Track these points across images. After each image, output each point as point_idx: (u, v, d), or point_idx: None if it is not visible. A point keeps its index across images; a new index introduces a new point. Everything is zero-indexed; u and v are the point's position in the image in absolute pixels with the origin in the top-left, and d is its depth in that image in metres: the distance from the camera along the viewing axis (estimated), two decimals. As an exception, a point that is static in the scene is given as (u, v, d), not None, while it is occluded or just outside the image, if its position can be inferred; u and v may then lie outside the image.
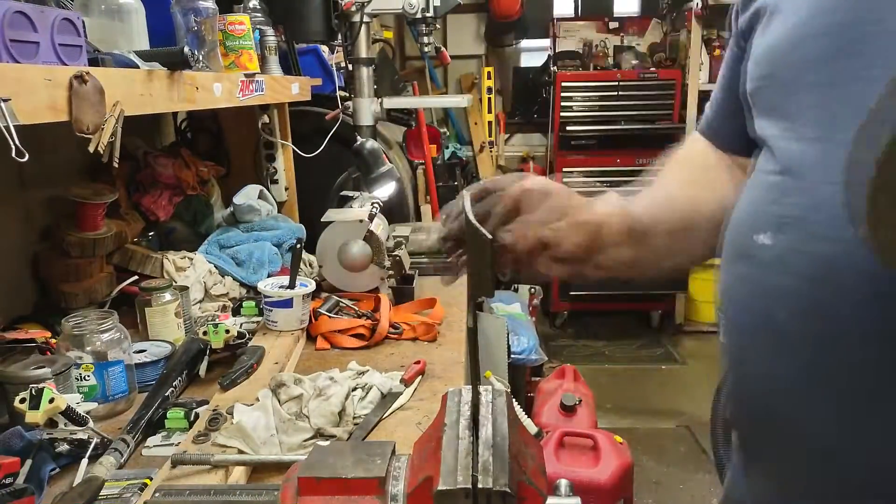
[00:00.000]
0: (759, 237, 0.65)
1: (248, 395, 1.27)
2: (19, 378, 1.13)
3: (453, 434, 0.62)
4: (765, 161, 0.71)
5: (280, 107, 2.19)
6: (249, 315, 1.69)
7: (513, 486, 0.56)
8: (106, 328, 1.26)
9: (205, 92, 1.35)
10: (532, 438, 0.68)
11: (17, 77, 0.79)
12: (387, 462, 0.64)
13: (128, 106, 1.00)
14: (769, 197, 0.67)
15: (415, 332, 1.68)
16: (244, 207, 2.00)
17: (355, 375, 1.38)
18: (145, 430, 1.16)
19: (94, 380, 1.23)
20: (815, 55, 0.65)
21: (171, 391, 1.26)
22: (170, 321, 1.51)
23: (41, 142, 1.48)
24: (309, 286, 1.64)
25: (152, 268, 1.71)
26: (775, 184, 0.67)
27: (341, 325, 1.67)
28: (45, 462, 1.03)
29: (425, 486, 0.58)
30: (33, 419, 1.02)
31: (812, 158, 0.63)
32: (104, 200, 1.61)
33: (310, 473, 0.63)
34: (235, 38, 1.60)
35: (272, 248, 1.91)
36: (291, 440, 1.14)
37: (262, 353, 1.45)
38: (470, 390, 0.66)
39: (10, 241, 1.57)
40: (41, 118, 0.84)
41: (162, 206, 1.89)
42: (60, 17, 0.90)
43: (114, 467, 1.03)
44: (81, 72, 0.89)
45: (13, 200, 1.57)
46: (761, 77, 0.74)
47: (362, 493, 0.62)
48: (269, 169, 2.22)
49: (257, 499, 0.68)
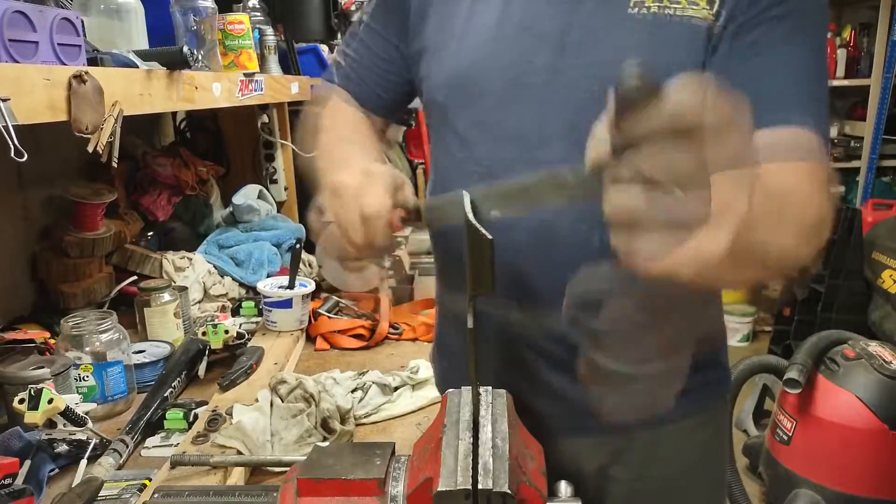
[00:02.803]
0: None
1: (248, 396, 1.27)
2: (18, 378, 1.12)
3: (453, 435, 0.62)
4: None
5: (279, 106, 2.19)
6: (249, 315, 1.68)
7: (513, 486, 0.56)
8: (105, 328, 1.26)
9: (204, 91, 1.35)
10: (532, 439, 0.68)
11: (16, 77, 0.79)
12: (386, 463, 0.64)
13: (127, 106, 1.00)
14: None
15: (415, 332, 1.68)
16: (243, 207, 2.00)
17: (356, 376, 1.38)
18: (144, 431, 1.16)
19: (93, 380, 1.23)
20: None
21: (170, 392, 1.26)
22: (169, 321, 1.51)
23: (40, 142, 1.48)
24: (308, 286, 1.64)
25: (151, 268, 1.71)
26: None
27: (341, 325, 1.67)
28: (44, 462, 1.03)
29: (425, 486, 0.58)
30: (32, 420, 1.01)
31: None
32: (103, 200, 1.60)
33: (309, 474, 0.63)
34: (235, 38, 1.60)
35: (271, 249, 1.91)
36: (291, 438, 1.14)
37: (261, 354, 1.45)
38: (470, 391, 0.66)
39: (8, 241, 1.56)
40: (40, 118, 0.83)
41: (161, 206, 1.89)
42: (59, 17, 0.90)
43: (113, 468, 1.03)
44: (80, 71, 0.88)
45: (12, 200, 1.57)
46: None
47: (362, 494, 0.61)
48: (269, 169, 2.21)
49: (256, 500, 0.68)
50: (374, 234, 0.68)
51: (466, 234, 0.58)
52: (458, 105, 0.86)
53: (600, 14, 0.77)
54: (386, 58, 0.96)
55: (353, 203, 0.68)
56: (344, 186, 0.69)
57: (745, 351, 3.64)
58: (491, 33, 0.82)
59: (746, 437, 2.74)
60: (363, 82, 0.98)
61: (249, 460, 1.04)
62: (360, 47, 0.99)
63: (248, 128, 2.21)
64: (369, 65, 0.98)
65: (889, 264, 3.17)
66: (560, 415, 0.88)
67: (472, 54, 0.84)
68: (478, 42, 0.83)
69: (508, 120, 0.81)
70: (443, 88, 0.88)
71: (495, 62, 0.82)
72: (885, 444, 2.03)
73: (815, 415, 2.12)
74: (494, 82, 0.82)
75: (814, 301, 3.30)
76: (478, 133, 0.84)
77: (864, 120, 4.12)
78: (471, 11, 0.85)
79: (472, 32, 0.84)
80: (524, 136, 0.81)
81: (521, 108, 0.80)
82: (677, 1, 0.75)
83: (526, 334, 0.85)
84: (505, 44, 0.81)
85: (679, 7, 0.74)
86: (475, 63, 0.83)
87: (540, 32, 0.79)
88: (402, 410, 1.32)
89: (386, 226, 0.68)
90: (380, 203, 0.67)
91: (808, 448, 2.15)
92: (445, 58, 0.87)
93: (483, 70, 0.82)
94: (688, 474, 0.93)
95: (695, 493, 0.96)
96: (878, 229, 3.34)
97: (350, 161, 0.79)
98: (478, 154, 0.84)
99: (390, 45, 0.95)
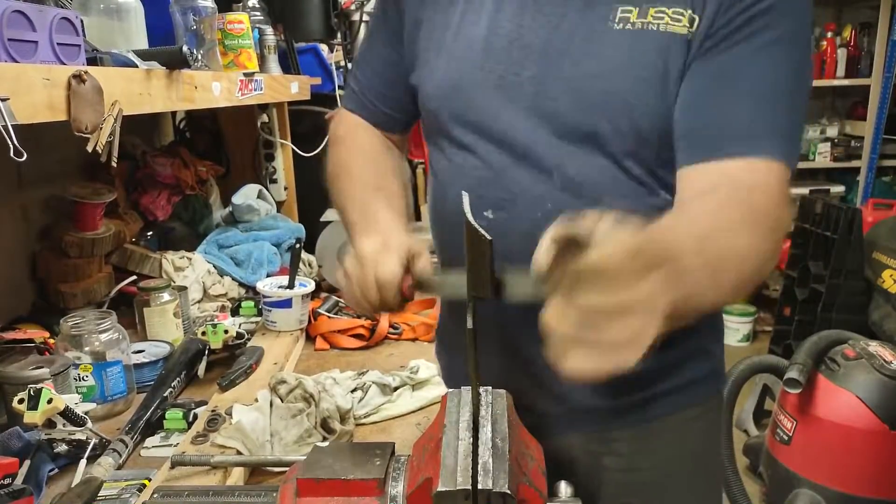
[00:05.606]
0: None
1: (247, 396, 1.27)
2: (18, 378, 1.12)
3: (453, 435, 0.62)
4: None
5: (279, 106, 2.19)
6: (248, 315, 1.68)
7: (513, 487, 0.56)
8: (104, 328, 1.26)
9: (204, 91, 1.35)
10: (533, 440, 0.68)
11: (15, 76, 0.79)
12: (386, 463, 0.64)
13: (126, 105, 1.00)
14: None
15: (414, 332, 1.68)
16: (243, 207, 1.99)
17: (355, 376, 1.38)
18: (144, 431, 1.15)
19: (92, 380, 1.23)
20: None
21: (169, 392, 1.26)
22: (168, 321, 1.51)
23: (40, 141, 1.47)
24: (308, 286, 1.64)
25: (151, 268, 1.71)
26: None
27: (341, 325, 1.66)
28: (43, 462, 1.03)
29: (425, 486, 0.58)
30: (32, 419, 1.01)
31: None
32: (103, 200, 1.60)
33: (309, 474, 0.63)
34: (234, 37, 1.60)
35: (271, 248, 1.91)
36: (291, 438, 1.14)
37: (260, 354, 1.44)
38: (470, 391, 0.66)
39: (8, 241, 1.56)
40: (40, 117, 0.83)
41: (160, 206, 1.88)
42: (59, 17, 0.89)
43: (112, 468, 1.03)
44: (80, 71, 0.88)
45: (11, 200, 1.57)
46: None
47: (362, 494, 0.61)
48: (269, 168, 2.21)
49: (256, 500, 0.68)
50: (387, 298, 0.77)
51: (466, 235, 0.58)
52: (450, 113, 0.88)
53: (583, 28, 0.79)
54: (393, 79, 0.99)
55: (371, 270, 0.76)
56: (364, 254, 0.78)
57: (745, 351, 3.64)
58: (479, 45, 0.84)
59: (747, 437, 2.74)
60: (377, 109, 1.02)
61: (249, 460, 1.04)
62: (369, 71, 1.03)
63: (247, 127, 2.21)
64: (380, 92, 1.02)
65: (889, 264, 3.16)
66: (557, 413, 0.90)
67: (461, 66, 0.86)
68: (467, 53, 0.85)
69: (499, 128, 0.83)
70: (435, 98, 0.90)
71: (484, 73, 0.84)
72: (886, 444, 2.03)
73: (816, 415, 2.12)
74: (484, 93, 0.84)
75: (814, 301, 3.30)
76: (473, 139, 0.86)
77: (864, 120, 4.12)
78: (461, 22, 0.87)
79: (462, 43, 0.86)
80: (516, 143, 0.83)
81: (510, 118, 0.83)
82: (660, 17, 0.76)
83: (522, 334, 0.86)
84: (493, 55, 0.83)
85: (662, 23, 0.76)
86: (465, 74, 0.86)
87: (526, 45, 0.82)
88: (402, 410, 1.32)
89: (398, 292, 0.76)
90: (393, 273, 0.75)
91: (809, 448, 2.15)
92: (436, 68, 0.89)
93: (472, 81, 0.85)
94: (681, 468, 0.95)
95: (689, 487, 0.97)
96: (879, 229, 3.34)
97: (375, 222, 0.86)
98: (473, 159, 0.87)
99: (393, 64, 0.98)
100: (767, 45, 0.74)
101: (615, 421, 0.90)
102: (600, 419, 0.91)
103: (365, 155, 1.01)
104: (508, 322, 0.86)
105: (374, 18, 1.05)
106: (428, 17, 0.91)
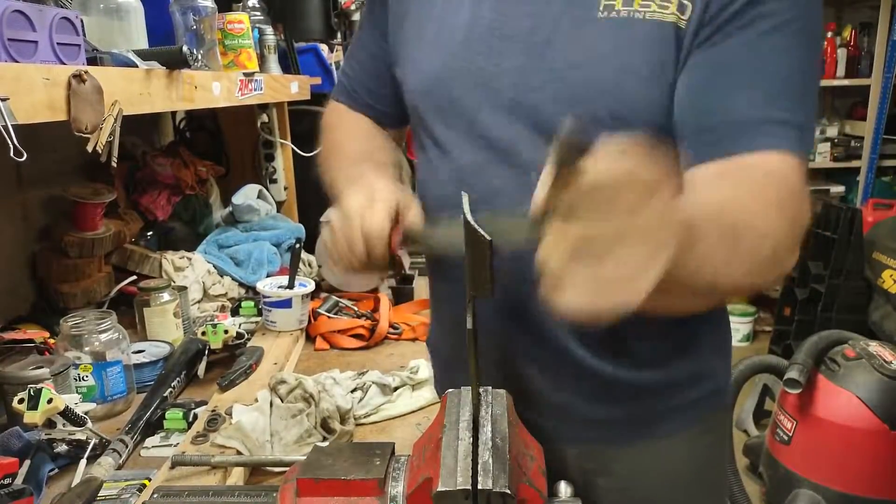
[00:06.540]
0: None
1: (247, 396, 1.27)
2: (18, 378, 1.12)
3: (453, 435, 0.62)
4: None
5: (279, 106, 2.19)
6: (248, 315, 1.68)
7: (513, 487, 0.56)
8: (104, 328, 1.26)
9: (203, 91, 1.34)
10: (532, 439, 0.68)
11: (15, 76, 0.79)
12: (386, 463, 0.64)
13: (126, 105, 1.00)
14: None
15: (414, 332, 1.68)
16: (243, 207, 1.99)
17: (355, 376, 1.38)
18: (144, 431, 1.15)
19: (92, 380, 1.23)
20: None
21: (169, 392, 1.26)
22: (168, 321, 1.51)
23: (39, 141, 1.48)
24: (308, 286, 1.64)
25: (151, 268, 1.71)
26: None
27: (340, 325, 1.67)
28: (43, 462, 1.03)
29: (425, 486, 0.58)
30: (32, 419, 1.01)
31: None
32: (103, 200, 1.60)
33: (309, 474, 0.62)
34: (234, 37, 1.60)
35: (271, 248, 1.91)
36: (291, 438, 1.14)
37: (260, 354, 1.44)
38: (470, 391, 0.66)
39: (8, 241, 1.56)
40: (39, 117, 0.83)
41: (160, 206, 1.88)
42: (59, 17, 0.89)
43: (112, 468, 1.03)
44: (80, 71, 0.88)
45: (11, 200, 1.57)
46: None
47: (361, 494, 0.61)
48: (268, 168, 2.21)
49: (256, 500, 0.68)
50: (374, 252, 0.74)
51: (465, 235, 0.57)
52: (432, 110, 0.86)
53: (568, 16, 0.76)
54: (379, 73, 0.97)
55: (357, 223, 0.74)
56: (350, 206, 0.75)
57: (745, 351, 3.64)
58: (461, 35, 0.81)
59: (746, 437, 2.74)
60: (366, 102, 1.01)
61: (249, 460, 1.04)
62: (357, 66, 1.02)
63: (247, 127, 2.21)
64: (367, 86, 1.00)
65: (889, 264, 3.16)
66: (550, 424, 0.86)
67: (443, 58, 0.83)
68: (448, 45, 0.83)
69: (480, 124, 0.81)
70: (417, 94, 0.88)
71: (465, 66, 0.81)
72: (886, 444, 2.03)
73: (816, 415, 2.12)
74: (465, 87, 0.81)
75: (814, 301, 3.30)
76: (453, 137, 0.84)
77: (864, 120, 4.12)
78: (442, 13, 0.84)
79: (444, 35, 0.83)
80: (496, 140, 0.80)
81: (491, 113, 0.80)
82: (647, 5, 0.73)
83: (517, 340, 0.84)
84: (474, 46, 0.80)
85: (648, 11, 0.72)
86: (445, 67, 0.83)
87: (508, 34, 0.78)
88: (402, 410, 1.32)
89: (385, 246, 0.74)
90: (380, 226, 0.73)
91: (809, 448, 2.15)
92: (418, 62, 0.87)
93: (453, 74, 0.82)
94: (683, 487, 0.91)
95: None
96: (879, 229, 3.34)
97: (362, 179, 0.83)
98: (452, 159, 0.84)
99: (379, 58, 0.96)
100: (771, 31, 0.69)
101: (611, 437, 0.87)
102: (596, 433, 0.87)
103: (354, 135, 0.99)
104: (500, 329, 0.84)
105: (363, 13, 1.03)
106: (410, 10, 0.88)
